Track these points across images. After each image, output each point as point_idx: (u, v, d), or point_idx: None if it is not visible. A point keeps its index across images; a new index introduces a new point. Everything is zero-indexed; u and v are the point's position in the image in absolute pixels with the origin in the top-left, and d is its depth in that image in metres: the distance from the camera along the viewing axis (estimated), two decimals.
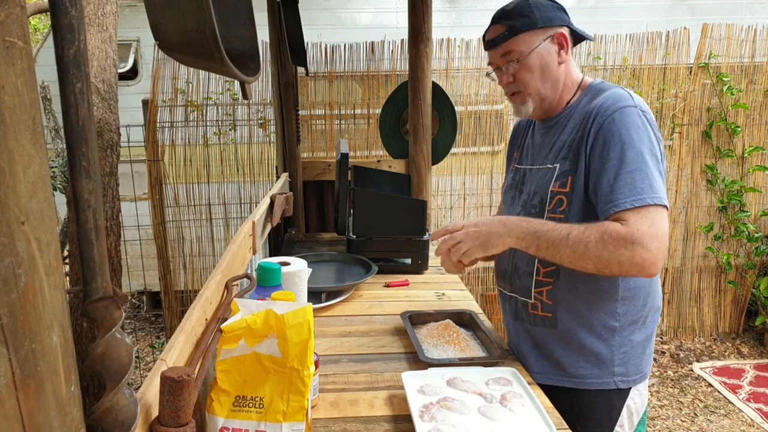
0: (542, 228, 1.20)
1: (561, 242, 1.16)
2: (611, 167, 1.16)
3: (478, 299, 3.76)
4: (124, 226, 2.72)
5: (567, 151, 1.28)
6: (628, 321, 1.28)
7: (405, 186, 2.52)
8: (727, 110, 3.87)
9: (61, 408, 0.43)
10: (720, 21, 3.87)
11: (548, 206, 1.28)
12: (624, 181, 1.14)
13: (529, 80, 1.32)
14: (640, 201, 1.11)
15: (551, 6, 1.31)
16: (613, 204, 1.14)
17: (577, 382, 1.30)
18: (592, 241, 1.12)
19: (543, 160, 1.36)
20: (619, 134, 1.17)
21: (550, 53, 1.30)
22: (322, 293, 1.79)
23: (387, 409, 1.16)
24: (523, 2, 1.31)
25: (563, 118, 1.33)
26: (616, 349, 1.28)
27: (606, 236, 1.11)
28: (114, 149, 2.13)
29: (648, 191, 1.12)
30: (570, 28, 1.33)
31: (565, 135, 1.31)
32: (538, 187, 1.33)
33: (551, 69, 1.31)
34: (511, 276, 1.39)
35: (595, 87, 1.32)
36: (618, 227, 1.11)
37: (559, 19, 1.30)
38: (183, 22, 0.77)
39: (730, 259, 3.98)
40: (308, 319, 0.89)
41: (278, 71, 2.63)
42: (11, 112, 0.37)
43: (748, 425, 3.06)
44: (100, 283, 0.51)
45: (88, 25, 2.00)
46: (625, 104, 1.19)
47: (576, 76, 1.35)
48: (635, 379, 1.30)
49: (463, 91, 3.73)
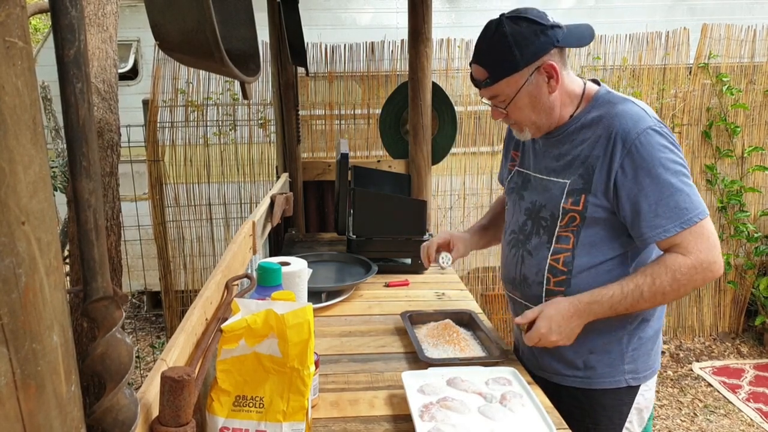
0: (612, 300, 1.20)
1: (638, 303, 1.19)
2: (650, 192, 1.17)
3: (478, 299, 3.76)
4: (125, 226, 2.72)
5: (579, 168, 1.26)
6: (639, 319, 1.30)
7: (405, 186, 2.52)
8: (727, 110, 3.87)
9: (61, 408, 0.43)
10: (720, 21, 3.87)
11: (561, 222, 1.29)
12: (668, 205, 1.16)
13: (520, 115, 1.30)
14: (689, 222, 1.15)
15: (533, 34, 1.20)
16: (663, 229, 1.16)
17: (588, 382, 1.32)
18: (666, 287, 1.16)
19: (549, 171, 1.34)
20: (650, 159, 1.17)
21: (539, 86, 1.25)
22: (322, 293, 1.79)
23: (387, 409, 1.16)
24: (500, 40, 1.21)
25: (569, 131, 1.31)
26: (626, 348, 1.30)
27: (678, 275, 1.16)
28: (114, 149, 2.13)
29: (692, 209, 1.15)
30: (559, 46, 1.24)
31: (575, 149, 1.28)
32: (547, 200, 1.32)
33: (542, 101, 1.27)
34: (521, 284, 1.39)
35: (602, 99, 1.28)
36: (682, 261, 1.16)
37: (544, 46, 1.21)
38: (183, 22, 0.77)
39: (729, 259, 3.98)
40: (308, 319, 0.89)
41: (278, 71, 2.63)
42: (12, 112, 0.37)
43: (748, 425, 3.06)
44: (100, 282, 0.51)
45: (88, 26, 2.00)
46: (645, 125, 1.19)
47: (575, 90, 1.30)
48: (645, 376, 1.32)
49: (463, 91, 3.73)
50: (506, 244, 1.46)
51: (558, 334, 1.22)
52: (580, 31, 1.26)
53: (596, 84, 1.34)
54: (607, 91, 1.30)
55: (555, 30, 1.21)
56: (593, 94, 1.30)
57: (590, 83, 1.33)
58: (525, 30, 1.20)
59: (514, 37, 1.20)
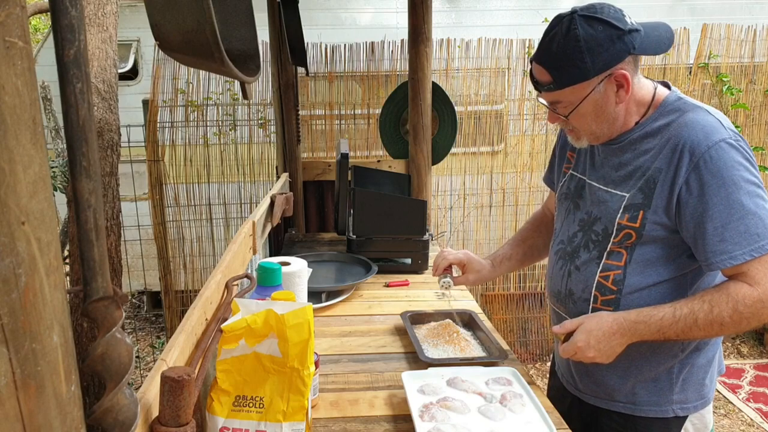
0: (662, 323, 1.09)
1: (691, 330, 1.08)
2: (717, 214, 1.06)
3: (478, 299, 3.76)
4: (125, 226, 2.72)
5: (639, 181, 1.16)
6: (692, 347, 1.20)
7: (405, 186, 2.52)
8: (727, 110, 3.87)
9: (61, 408, 0.43)
10: (720, 21, 3.87)
11: (614, 238, 1.19)
12: (737, 229, 1.05)
13: (581, 123, 1.19)
14: (760, 250, 1.04)
15: (609, 40, 1.08)
16: (729, 255, 1.05)
17: (632, 408, 1.24)
18: (726, 318, 1.05)
19: (607, 181, 1.23)
20: (720, 176, 1.05)
21: (607, 96, 1.13)
22: (322, 293, 1.79)
23: (387, 409, 1.17)
24: (572, 45, 1.08)
25: (633, 139, 1.19)
26: (675, 376, 1.21)
27: (740, 306, 1.04)
28: (114, 149, 2.13)
29: (765, 236, 1.04)
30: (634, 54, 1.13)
31: (636, 159, 1.18)
32: (602, 213, 1.22)
33: (607, 111, 1.15)
34: (566, 299, 1.30)
35: (671, 105, 1.17)
36: (748, 292, 1.04)
37: (620, 54, 1.09)
38: (183, 22, 0.77)
39: None
40: (308, 319, 0.89)
41: (278, 71, 2.63)
42: (11, 112, 0.37)
43: (748, 425, 3.06)
44: (100, 282, 0.51)
45: (88, 26, 2.00)
46: (719, 138, 1.07)
47: (645, 95, 1.18)
48: (695, 406, 1.23)
49: (463, 91, 3.73)
50: (554, 254, 1.36)
51: (596, 351, 1.11)
52: (658, 34, 1.15)
53: (667, 88, 1.22)
54: (677, 98, 1.18)
55: (632, 35, 1.10)
56: (662, 99, 1.18)
57: (660, 87, 1.21)
58: (600, 35, 1.08)
59: (587, 43, 1.07)
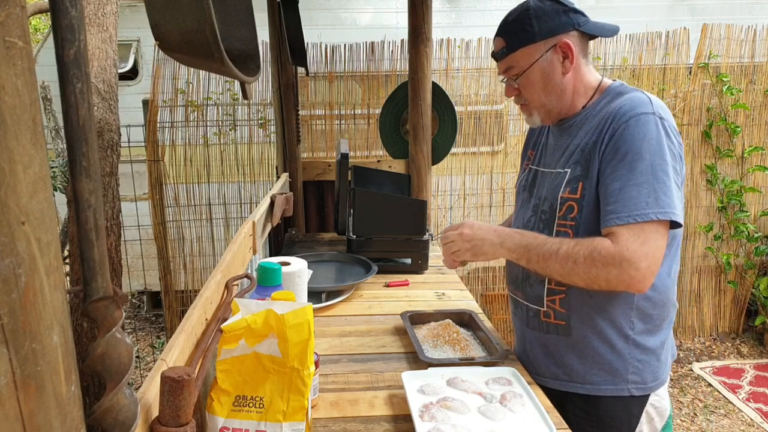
0: (534, 241, 1.21)
1: (551, 257, 1.16)
2: (618, 177, 1.13)
3: (478, 299, 3.76)
4: (125, 226, 2.72)
5: (579, 156, 1.24)
6: (641, 328, 1.25)
7: (405, 186, 2.52)
8: (727, 110, 3.87)
9: (61, 408, 0.43)
10: (720, 21, 3.87)
11: (558, 213, 1.25)
12: (629, 193, 1.11)
13: (532, 94, 1.29)
14: (641, 216, 1.09)
15: (555, 12, 1.23)
16: (615, 215, 1.11)
17: (590, 389, 1.28)
18: (581, 257, 1.12)
19: (555, 164, 1.32)
20: (631, 143, 1.12)
21: (553, 65, 1.25)
22: (322, 293, 1.79)
23: (387, 409, 1.16)
24: (523, 12, 1.25)
25: (578, 122, 1.29)
26: (629, 357, 1.25)
27: (595, 253, 1.11)
28: (114, 149, 2.13)
29: (653, 206, 1.09)
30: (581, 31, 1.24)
31: (578, 139, 1.26)
32: (548, 192, 1.30)
33: (554, 81, 1.26)
34: (523, 283, 1.36)
35: (614, 90, 1.26)
36: (607, 245, 1.10)
37: (564, 25, 1.23)
38: (183, 22, 0.77)
39: (729, 259, 3.98)
40: (308, 319, 0.89)
41: (278, 71, 2.63)
42: (11, 112, 0.37)
43: (748, 425, 3.06)
44: (100, 282, 0.51)
45: (88, 26, 2.00)
46: (642, 110, 1.15)
47: (592, 80, 1.29)
48: (651, 387, 1.27)
49: (463, 91, 3.73)
50: None
51: (463, 243, 1.29)
52: (603, 24, 1.28)
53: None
54: (620, 84, 1.28)
55: (577, 15, 1.24)
56: (607, 86, 1.29)
57: (608, 79, 1.32)
58: (548, 7, 1.23)
59: (535, 12, 1.23)
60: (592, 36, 1.28)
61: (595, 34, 1.27)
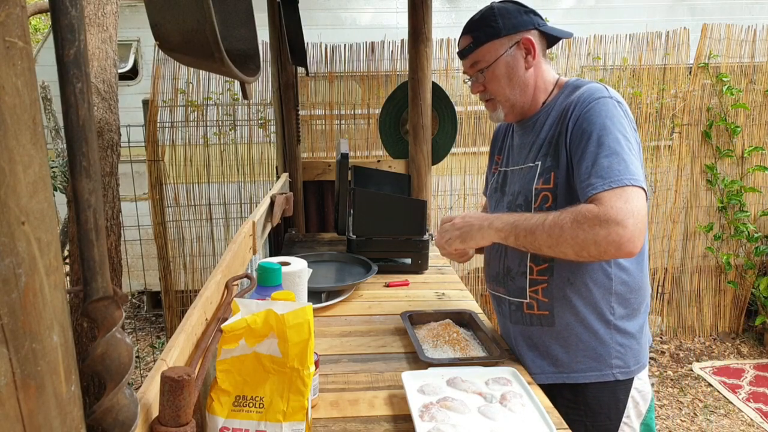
0: (520, 218, 1.24)
1: (537, 228, 1.18)
2: (589, 153, 1.18)
3: (478, 299, 3.76)
4: (125, 226, 2.72)
5: (548, 148, 1.30)
6: (621, 313, 1.30)
7: (405, 186, 2.52)
8: (727, 110, 3.87)
9: (61, 408, 0.43)
10: (720, 21, 3.87)
11: (534, 204, 1.30)
12: (601, 165, 1.15)
13: (497, 88, 1.36)
14: (617, 182, 1.12)
15: (517, 11, 1.33)
16: (592, 187, 1.15)
17: (576, 377, 1.32)
18: (567, 223, 1.14)
19: (524, 160, 1.38)
20: (596, 121, 1.19)
21: (516, 59, 1.33)
22: (322, 293, 1.79)
23: (387, 409, 1.16)
24: (488, 11, 1.35)
25: (540, 117, 1.36)
26: (611, 342, 1.30)
27: (580, 216, 1.12)
28: (114, 149, 2.13)
29: (625, 173, 1.13)
30: (540, 30, 1.34)
31: (544, 132, 1.33)
32: (521, 186, 1.34)
33: (518, 75, 1.34)
34: (504, 278, 1.40)
35: (571, 84, 1.35)
36: (592, 207, 1.13)
37: (525, 23, 1.33)
38: (183, 22, 0.77)
39: (729, 259, 3.98)
40: (308, 319, 0.89)
41: (278, 71, 2.63)
42: (11, 112, 0.37)
43: (748, 425, 3.06)
44: (100, 282, 0.51)
45: (88, 25, 2.00)
46: (600, 95, 1.22)
47: (550, 77, 1.38)
48: (633, 370, 1.31)
49: (463, 91, 3.73)
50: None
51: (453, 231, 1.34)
52: (560, 28, 1.38)
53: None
54: (576, 78, 1.37)
55: (537, 17, 1.35)
56: (564, 82, 1.38)
57: (565, 77, 1.41)
58: (510, 7, 1.35)
59: (499, 11, 1.34)
60: (552, 41, 1.39)
61: (553, 35, 1.37)
